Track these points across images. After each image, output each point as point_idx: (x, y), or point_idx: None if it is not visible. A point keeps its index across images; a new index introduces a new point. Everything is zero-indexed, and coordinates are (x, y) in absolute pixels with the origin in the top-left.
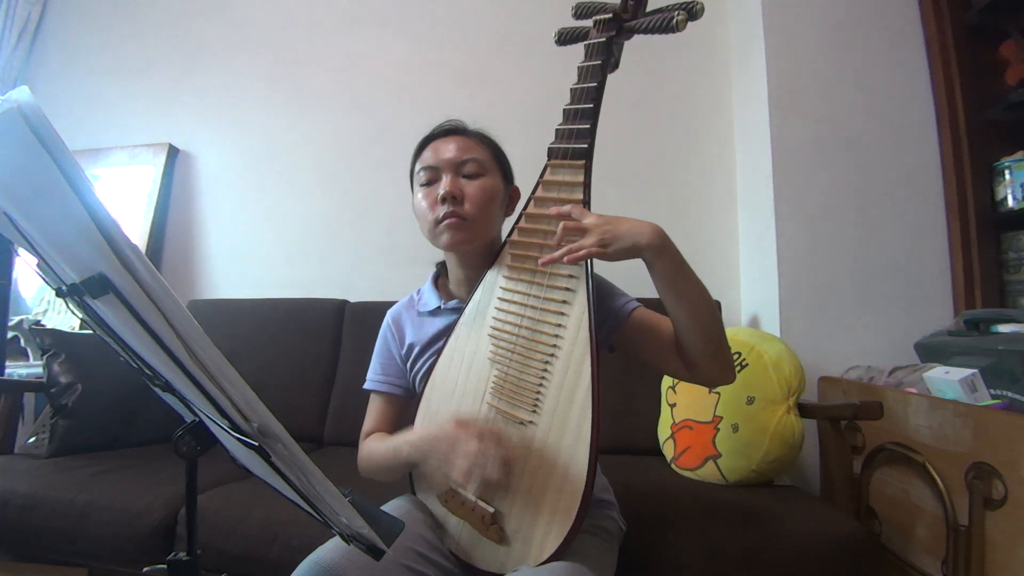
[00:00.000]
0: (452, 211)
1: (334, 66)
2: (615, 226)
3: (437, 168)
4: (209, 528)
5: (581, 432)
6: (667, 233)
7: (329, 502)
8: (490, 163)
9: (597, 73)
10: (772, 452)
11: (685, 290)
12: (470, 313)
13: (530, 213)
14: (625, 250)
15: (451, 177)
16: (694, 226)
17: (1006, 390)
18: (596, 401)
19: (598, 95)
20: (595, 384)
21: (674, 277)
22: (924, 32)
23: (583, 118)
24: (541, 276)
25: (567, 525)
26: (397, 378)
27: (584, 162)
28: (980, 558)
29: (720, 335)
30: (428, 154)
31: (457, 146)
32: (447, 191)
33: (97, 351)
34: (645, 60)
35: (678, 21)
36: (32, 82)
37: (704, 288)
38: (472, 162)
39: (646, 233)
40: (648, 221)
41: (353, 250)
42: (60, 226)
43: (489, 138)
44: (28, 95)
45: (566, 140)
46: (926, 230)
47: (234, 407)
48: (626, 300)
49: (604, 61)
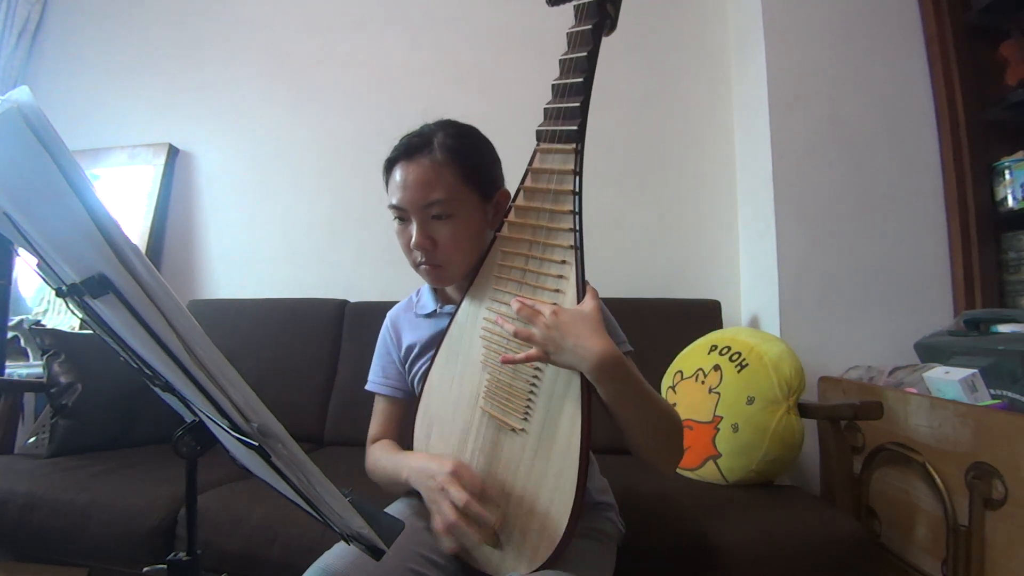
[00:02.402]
0: (426, 261)
1: (334, 66)
2: (562, 338)
3: (404, 209)
4: (209, 528)
5: (571, 441)
6: (618, 361)
7: (329, 502)
8: (460, 191)
9: (588, 39)
10: (772, 452)
11: (631, 414)
12: (464, 313)
13: (519, 206)
14: (566, 365)
15: (419, 225)
16: (694, 226)
17: (1006, 390)
18: (586, 410)
19: (590, 65)
20: (585, 393)
21: (616, 401)
22: (924, 32)
23: (573, 93)
24: (531, 276)
25: (559, 533)
26: (397, 381)
27: (575, 145)
28: (980, 558)
29: (668, 448)
30: (396, 185)
31: (421, 181)
32: (417, 244)
33: (97, 351)
34: (645, 60)
35: None
36: (32, 82)
37: (658, 408)
38: (437, 204)
39: (588, 360)
40: (602, 343)
41: (353, 250)
42: (60, 226)
43: (461, 146)
44: (28, 95)
45: (555, 121)
46: (926, 230)
47: (234, 407)
48: (620, 342)
49: (597, 23)
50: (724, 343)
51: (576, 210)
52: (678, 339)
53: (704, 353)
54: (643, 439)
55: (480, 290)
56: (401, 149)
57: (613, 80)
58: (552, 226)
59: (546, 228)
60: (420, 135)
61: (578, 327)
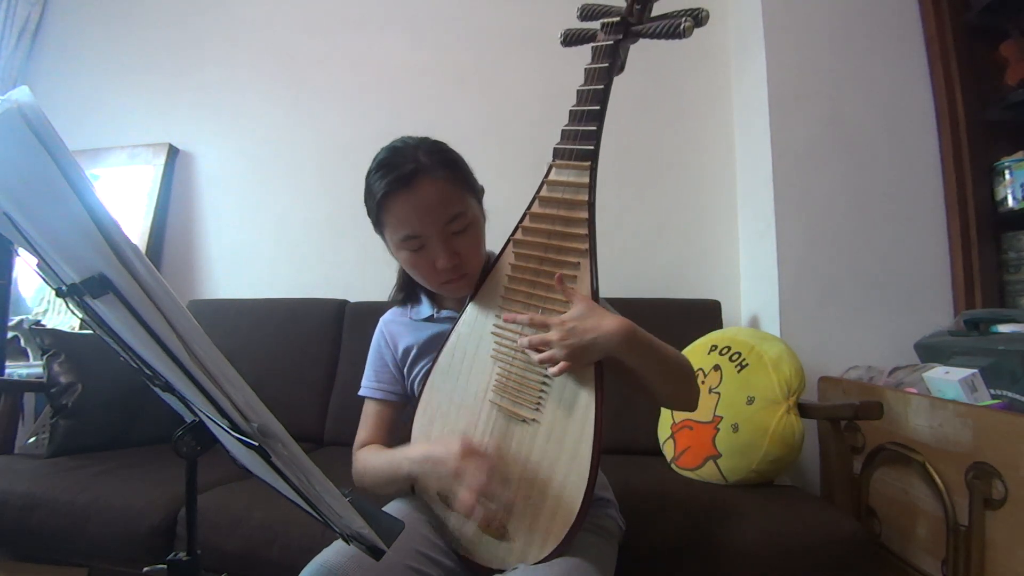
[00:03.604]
0: (456, 275)
1: (335, 66)
2: (580, 336)
3: (422, 236)
4: (209, 528)
5: (584, 431)
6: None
7: (329, 502)
8: (466, 199)
9: (604, 76)
10: (772, 452)
11: (655, 372)
12: (473, 312)
13: (535, 213)
14: (595, 359)
15: (442, 243)
16: (694, 226)
17: (1006, 390)
18: (599, 400)
19: (604, 97)
20: (599, 383)
21: (643, 365)
22: (924, 32)
23: (589, 120)
24: (545, 276)
25: (568, 522)
26: (391, 384)
27: (590, 163)
28: (980, 558)
29: (687, 389)
30: (404, 217)
31: (436, 202)
32: (448, 262)
33: (97, 351)
34: (646, 60)
35: (685, 28)
36: (32, 82)
37: (672, 357)
38: (458, 218)
39: (612, 343)
40: (615, 322)
41: (353, 250)
42: (60, 226)
43: (448, 158)
44: (28, 95)
45: (572, 141)
46: (926, 230)
47: (234, 407)
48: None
49: (611, 64)
50: (724, 343)
51: (590, 218)
52: (678, 339)
53: (704, 353)
54: (668, 388)
55: (492, 290)
56: (394, 182)
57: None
58: (567, 231)
59: (561, 232)
60: (404, 161)
61: (587, 322)
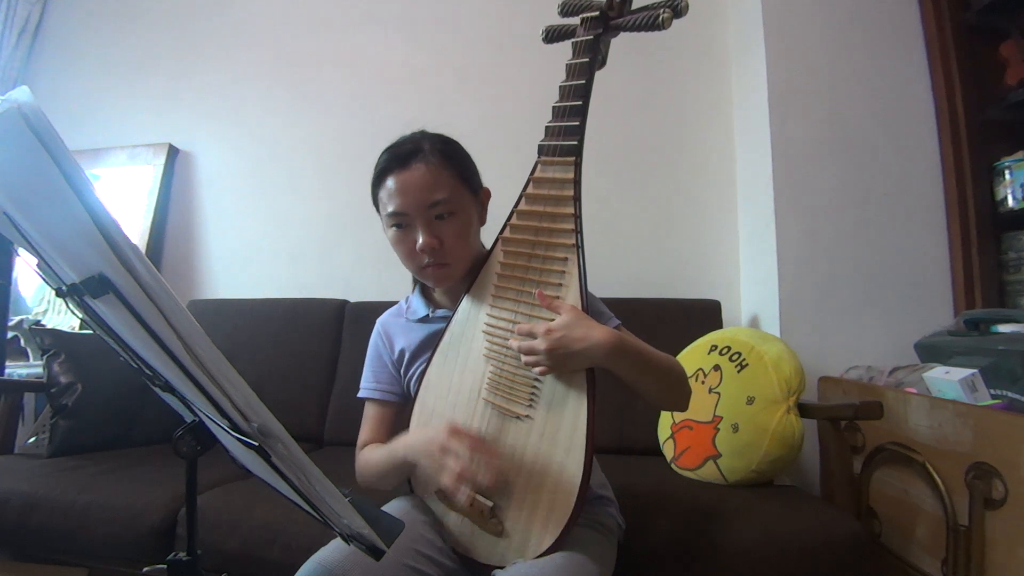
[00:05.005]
0: (434, 261)
1: (335, 65)
2: (566, 347)
3: (406, 214)
4: (209, 528)
5: (577, 425)
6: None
7: (329, 502)
8: (457, 189)
9: (585, 70)
10: (772, 452)
11: (644, 379)
12: (464, 310)
13: (522, 210)
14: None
15: (424, 226)
16: (694, 226)
17: (1006, 390)
18: (591, 394)
19: (586, 92)
20: (589, 375)
21: (631, 374)
22: (924, 32)
23: (572, 115)
24: (534, 273)
25: (565, 517)
26: (390, 385)
27: (574, 159)
28: (980, 558)
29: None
30: (393, 192)
31: (422, 183)
32: (426, 245)
33: (97, 351)
34: (645, 60)
35: (664, 19)
36: (32, 82)
37: (662, 364)
38: (441, 203)
39: (598, 355)
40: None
41: (353, 250)
42: (60, 226)
43: (449, 149)
44: (28, 95)
45: (556, 137)
46: (926, 230)
47: (234, 407)
48: (608, 317)
49: (592, 58)
50: (724, 343)
51: (576, 213)
52: (678, 339)
53: (704, 353)
54: (659, 393)
55: (482, 288)
56: (392, 159)
57: (613, 80)
58: (554, 227)
59: (548, 228)
60: (408, 143)
61: (575, 331)
